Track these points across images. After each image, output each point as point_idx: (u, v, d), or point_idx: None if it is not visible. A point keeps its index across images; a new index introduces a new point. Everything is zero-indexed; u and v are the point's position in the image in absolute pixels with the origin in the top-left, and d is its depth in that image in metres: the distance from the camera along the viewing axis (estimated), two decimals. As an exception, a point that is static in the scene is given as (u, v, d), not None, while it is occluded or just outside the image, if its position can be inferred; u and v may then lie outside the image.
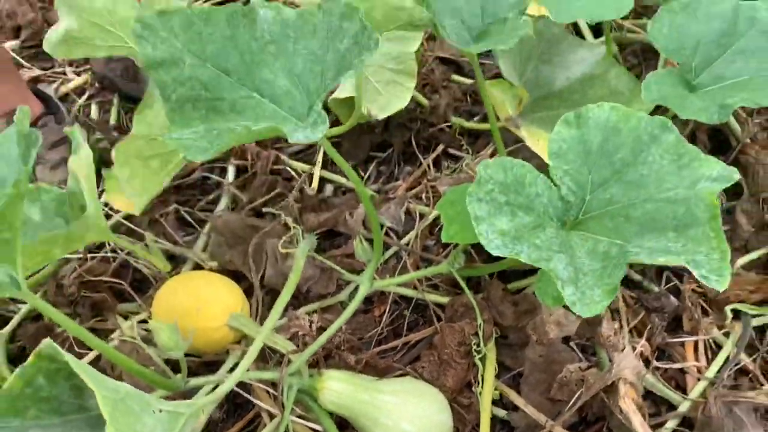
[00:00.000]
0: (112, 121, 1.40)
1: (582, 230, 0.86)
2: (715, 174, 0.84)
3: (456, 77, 1.45)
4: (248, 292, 1.09)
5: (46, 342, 0.61)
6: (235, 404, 1.01)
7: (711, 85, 1.04)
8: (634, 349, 0.97)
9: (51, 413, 0.63)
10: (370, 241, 1.11)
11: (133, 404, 0.60)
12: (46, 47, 1.07)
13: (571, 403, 0.93)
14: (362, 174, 1.32)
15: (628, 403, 0.84)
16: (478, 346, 1.00)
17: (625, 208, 0.86)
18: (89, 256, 1.15)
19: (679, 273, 1.12)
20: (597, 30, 1.41)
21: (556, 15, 1.05)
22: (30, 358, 0.62)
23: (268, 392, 0.97)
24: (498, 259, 1.09)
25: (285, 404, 0.87)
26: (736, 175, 0.82)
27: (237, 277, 1.11)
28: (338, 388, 0.90)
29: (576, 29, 1.42)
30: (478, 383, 0.99)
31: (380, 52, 1.30)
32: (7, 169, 0.70)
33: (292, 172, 1.28)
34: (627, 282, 1.12)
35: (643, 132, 0.88)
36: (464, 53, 1.05)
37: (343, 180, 1.30)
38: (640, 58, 1.43)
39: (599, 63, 1.21)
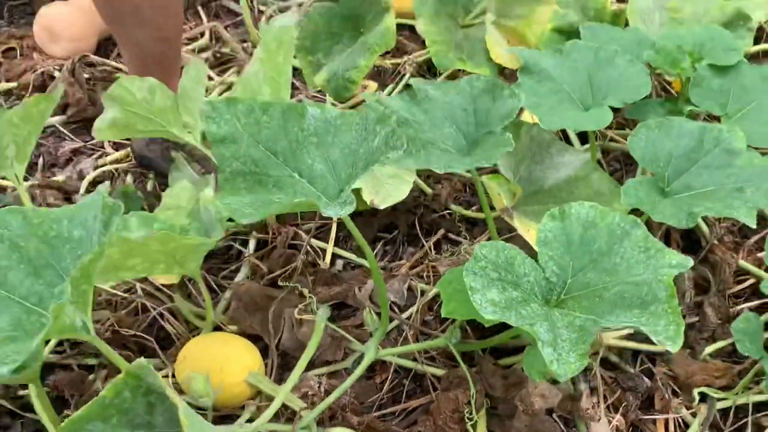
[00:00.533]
0: (149, 188, 1.55)
1: (562, 307, 0.99)
2: (675, 263, 0.98)
3: (457, 171, 1.61)
4: (262, 353, 1.20)
5: (138, 362, 0.72)
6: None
7: (681, 193, 1.19)
8: (609, 422, 1.08)
9: (126, 424, 0.74)
10: (377, 314, 1.24)
11: (197, 421, 0.71)
12: (95, 133, 1.22)
13: (552, 469, 1.03)
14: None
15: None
16: (471, 414, 1.11)
17: (600, 290, 0.99)
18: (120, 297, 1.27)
19: (652, 357, 1.24)
20: (583, 137, 1.59)
21: (546, 124, 1.22)
22: (121, 374, 0.73)
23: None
24: (490, 336, 1.22)
25: (296, 455, 0.97)
26: (689, 263, 0.97)
27: (252, 339, 1.22)
28: (344, 443, 1.00)
29: (565, 136, 1.59)
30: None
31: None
32: (84, 232, 0.82)
33: (308, 248, 1.42)
34: (606, 363, 1.24)
35: (616, 227, 1.02)
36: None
37: (352, 256, 1.43)
38: (622, 164, 1.60)
39: (584, 167, 1.37)
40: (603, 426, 1.00)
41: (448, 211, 1.52)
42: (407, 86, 1.73)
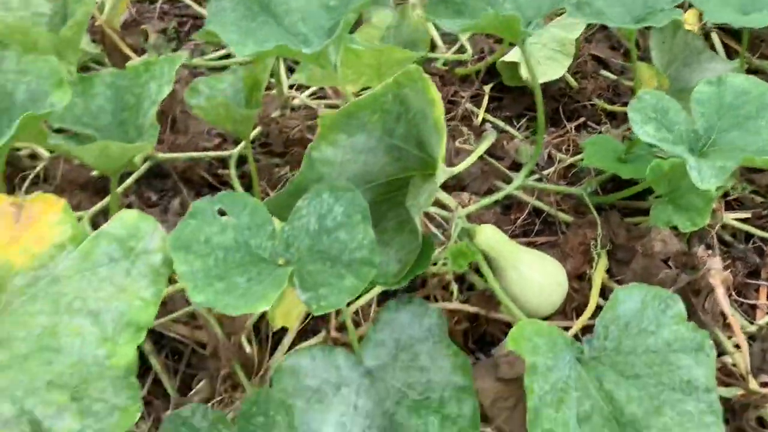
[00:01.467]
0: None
1: (705, 158, 1.15)
2: (818, 132, 1.11)
3: (604, 72, 1.75)
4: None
5: (407, 69, 0.87)
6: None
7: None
8: (720, 273, 1.22)
9: (382, 123, 0.92)
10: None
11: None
12: None
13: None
14: (515, 124, 1.64)
15: (716, 281, 1.10)
16: (596, 248, 1.28)
17: (741, 146, 1.13)
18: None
19: (765, 240, 1.36)
20: (729, 56, 1.70)
21: (710, 16, 1.35)
22: (390, 80, 0.90)
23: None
24: (619, 190, 1.37)
25: (452, 234, 1.18)
26: (832, 135, 1.09)
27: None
28: (491, 234, 1.19)
29: (713, 49, 1.71)
30: (590, 278, 1.26)
31: (547, 34, 1.64)
32: (306, 27, 1.06)
33: (465, 108, 1.61)
34: (722, 241, 1.37)
35: (767, 97, 1.16)
36: (623, 31, 1.36)
37: (500, 123, 1.61)
38: (762, 90, 1.70)
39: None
40: (717, 262, 1.15)
41: (591, 103, 1.67)
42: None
